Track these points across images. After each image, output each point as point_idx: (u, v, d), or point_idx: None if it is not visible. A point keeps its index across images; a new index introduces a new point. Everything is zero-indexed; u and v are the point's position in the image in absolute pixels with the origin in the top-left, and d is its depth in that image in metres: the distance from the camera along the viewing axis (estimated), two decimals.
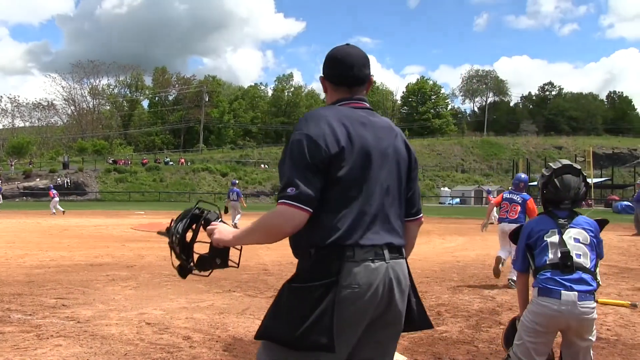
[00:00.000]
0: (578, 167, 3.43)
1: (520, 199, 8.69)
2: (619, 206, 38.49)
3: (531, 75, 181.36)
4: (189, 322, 5.87)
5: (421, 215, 2.43)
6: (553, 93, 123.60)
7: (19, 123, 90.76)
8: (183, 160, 73.89)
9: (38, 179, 58.25)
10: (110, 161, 69.76)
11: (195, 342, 5.10)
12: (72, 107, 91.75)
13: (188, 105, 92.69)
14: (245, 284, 8.33)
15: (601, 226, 3.42)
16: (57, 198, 31.29)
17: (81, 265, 10.29)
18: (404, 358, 4.76)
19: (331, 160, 2.07)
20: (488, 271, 9.43)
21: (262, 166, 73.78)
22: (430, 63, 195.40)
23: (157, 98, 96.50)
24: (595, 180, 59.41)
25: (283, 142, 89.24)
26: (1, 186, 41.12)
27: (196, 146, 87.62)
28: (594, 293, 3.17)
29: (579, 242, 3.22)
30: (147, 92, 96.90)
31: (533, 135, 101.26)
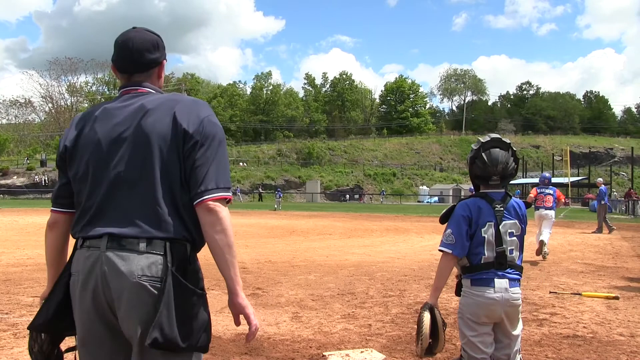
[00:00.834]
0: (507, 142, 3.26)
1: (550, 190, 11.95)
2: (596, 205, 38.90)
3: (509, 74, 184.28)
4: None
5: (208, 197, 2.06)
6: (531, 92, 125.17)
7: None
8: None
9: (15, 177, 57.45)
10: None
11: None
12: (50, 105, 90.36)
13: None
14: (223, 282, 8.22)
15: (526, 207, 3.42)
16: None
17: None
18: (382, 356, 4.76)
19: (64, 159, 2.22)
20: None
21: (241, 164, 73.40)
22: (409, 62, 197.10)
23: None
24: (572, 179, 60.14)
25: (262, 140, 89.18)
26: None
27: None
28: (520, 281, 3.22)
29: (513, 236, 3.19)
30: None
31: (511, 134, 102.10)
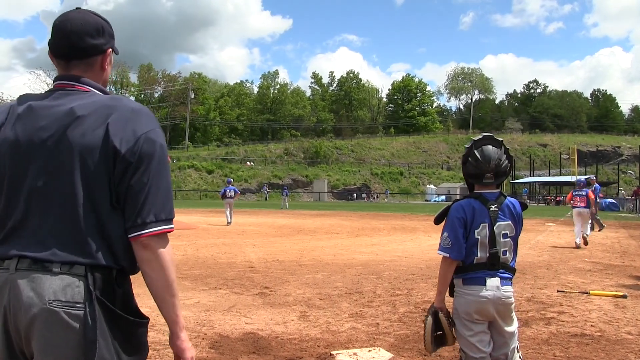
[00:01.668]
0: (499, 139, 3.26)
1: (584, 192, 14.17)
2: (603, 203, 38.86)
3: (516, 73, 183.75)
4: None
5: (144, 232, 1.76)
6: (538, 91, 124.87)
7: None
8: (169, 157, 73.27)
9: None
10: None
11: None
12: None
13: (174, 102, 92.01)
14: (231, 282, 8.31)
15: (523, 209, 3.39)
16: None
17: None
18: (390, 355, 4.77)
19: None
20: None
21: (248, 163, 73.52)
22: (416, 61, 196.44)
23: (143, 95, 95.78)
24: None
25: (269, 139, 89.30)
26: None
27: (182, 143, 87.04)
28: (512, 280, 3.22)
29: (507, 237, 3.19)
30: (133, 89, 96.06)
31: (518, 132, 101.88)
